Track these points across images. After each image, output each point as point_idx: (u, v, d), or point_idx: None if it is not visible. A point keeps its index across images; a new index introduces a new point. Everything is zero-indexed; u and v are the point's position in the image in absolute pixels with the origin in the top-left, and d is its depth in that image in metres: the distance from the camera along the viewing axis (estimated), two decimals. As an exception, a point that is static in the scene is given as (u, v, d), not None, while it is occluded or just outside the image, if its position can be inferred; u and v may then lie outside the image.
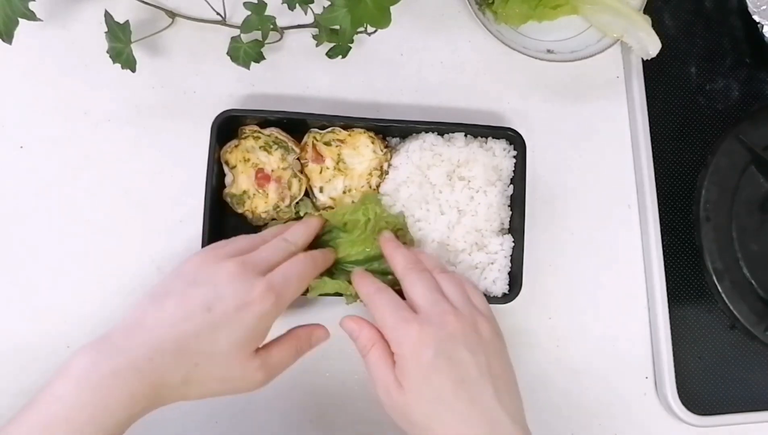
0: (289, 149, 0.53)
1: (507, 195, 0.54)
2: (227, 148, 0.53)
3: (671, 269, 0.57)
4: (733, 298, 0.57)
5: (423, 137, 0.54)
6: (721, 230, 0.58)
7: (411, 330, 0.43)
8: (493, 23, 0.57)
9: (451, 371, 0.42)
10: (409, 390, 0.42)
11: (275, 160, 0.53)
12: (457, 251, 0.53)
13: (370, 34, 0.57)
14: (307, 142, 0.54)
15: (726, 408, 0.57)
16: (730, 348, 0.58)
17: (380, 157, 0.54)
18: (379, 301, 0.46)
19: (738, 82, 0.63)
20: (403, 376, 0.43)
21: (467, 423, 0.41)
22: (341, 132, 0.53)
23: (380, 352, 0.44)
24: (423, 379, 0.42)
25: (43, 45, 0.56)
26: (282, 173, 0.53)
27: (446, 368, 0.42)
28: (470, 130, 0.54)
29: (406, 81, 0.59)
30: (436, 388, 0.42)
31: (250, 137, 0.53)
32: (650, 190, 0.58)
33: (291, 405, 0.54)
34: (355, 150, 0.54)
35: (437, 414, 0.42)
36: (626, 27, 0.56)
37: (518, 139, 0.54)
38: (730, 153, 0.59)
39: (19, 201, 0.55)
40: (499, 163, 0.54)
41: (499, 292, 0.53)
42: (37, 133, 0.56)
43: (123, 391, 0.39)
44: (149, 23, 0.56)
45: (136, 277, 0.54)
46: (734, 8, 0.64)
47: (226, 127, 0.53)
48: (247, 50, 0.54)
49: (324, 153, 0.54)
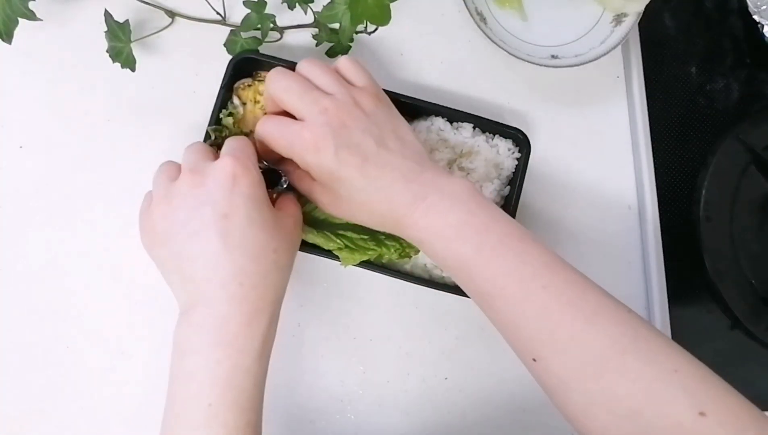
0: None
1: (502, 195, 0.54)
2: (241, 84, 0.53)
3: (671, 269, 0.57)
4: (733, 298, 0.57)
5: (432, 120, 0.54)
6: (721, 230, 0.58)
7: (304, 140, 0.43)
8: (496, 34, 0.57)
9: (354, 157, 0.43)
10: (330, 190, 0.44)
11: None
12: None
13: (370, 34, 0.57)
14: None
15: (726, 408, 0.57)
16: (730, 348, 0.58)
17: None
18: (267, 131, 0.45)
19: (738, 82, 0.63)
20: (323, 185, 0.45)
21: (379, 189, 0.43)
22: None
23: (295, 175, 0.47)
24: (335, 178, 0.43)
25: (43, 45, 0.56)
26: None
27: (348, 156, 0.43)
28: (480, 123, 0.54)
29: (406, 81, 0.59)
30: (346, 180, 0.43)
31: (264, 81, 0.52)
32: (650, 190, 0.58)
33: (291, 405, 0.54)
34: None
35: (355, 200, 0.44)
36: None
37: (525, 142, 0.54)
38: (730, 153, 0.59)
39: (19, 201, 0.55)
40: (502, 161, 0.54)
41: None
42: (37, 133, 0.56)
43: (246, 319, 0.41)
44: (149, 23, 0.56)
45: (135, 277, 0.54)
46: (734, 8, 0.64)
47: (242, 68, 0.53)
48: (245, 45, 0.54)
49: None
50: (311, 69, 0.46)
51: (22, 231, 0.55)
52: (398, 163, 0.44)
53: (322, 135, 0.42)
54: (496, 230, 0.42)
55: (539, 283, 0.40)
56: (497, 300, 0.41)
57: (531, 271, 0.40)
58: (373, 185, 0.43)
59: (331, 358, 0.54)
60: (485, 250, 0.41)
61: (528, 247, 0.41)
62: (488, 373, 0.56)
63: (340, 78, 0.46)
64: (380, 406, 0.54)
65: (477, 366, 0.56)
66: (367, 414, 0.54)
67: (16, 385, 0.52)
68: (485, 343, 0.56)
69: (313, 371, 0.54)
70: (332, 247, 0.49)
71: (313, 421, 0.54)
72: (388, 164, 0.43)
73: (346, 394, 0.54)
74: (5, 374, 0.53)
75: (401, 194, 0.43)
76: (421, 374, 0.55)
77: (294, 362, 0.54)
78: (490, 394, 0.55)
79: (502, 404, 0.55)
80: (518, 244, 0.41)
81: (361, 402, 0.54)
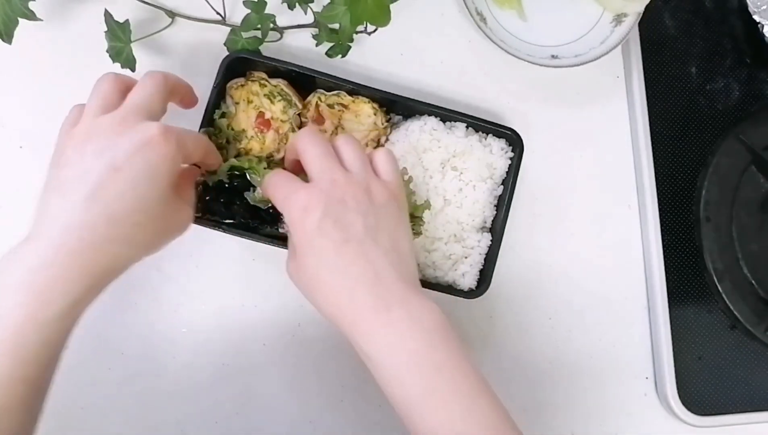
0: (292, 103, 0.53)
1: (495, 194, 0.54)
2: (233, 83, 0.53)
3: (671, 269, 0.57)
4: (733, 298, 0.57)
5: (425, 119, 0.54)
6: (721, 230, 0.58)
7: (298, 197, 0.41)
8: (495, 34, 0.57)
9: (336, 232, 0.40)
10: (300, 256, 0.42)
11: (277, 111, 0.53)
12: (434, 239, 0.53)
13: (370, 34, 0.57)
14: (311, 101, 0.53)
15: (726, 408, 0.57)
16: (730, 348, 0.58)
17: (380, 129, 0.53)
18: (271, 182, 0.45)
19: (738, 82, 0.63)
20: (293, 245, 0.42)
21: (347, 276, 0.40)
22: (346, 97, 0.53)
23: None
24: (308, 244, 0.41)
25: (43, 45, 0.56)
26: (281, 125, 0.53)
27: (331, 230, 0.40)
28: (473, 122, 0.54)
29: (406, 81, 0.59)
30: (319, 250, 0.41)
31: (257, 82, 0.53)
32: (650, 190, 0.58)
33: (291, 405, 0.54)
34: (357, 117, 0.53)
35: (319, 276, 0.41)
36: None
37: (518, 141, 0.54)
38: (730, 153, 0.59)
39: (19, 201, 0.55)
40: (495, 161, 0.54)
41: (466, 287, 0.52)
42: (37, 133, 0.56)
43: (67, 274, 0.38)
44: (149, 23, 0.56)
45: (135, 276, 0.54)
46: (734, 8, 0.64)
47: (235, 69, 0.52)
48: (245, 44, 0.54)
49: (326, 115, 0.53)
50: (345, 143, 0.45)
51: (22, 231, 0.54)
52: (378, 260, 0.41)
53: (316, 198, 0.41)
54: (449, 374, 0.40)
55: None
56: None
57: (475, 432, 0.39)
58: (342, 268, 0.40)
59: (331, 357, 0.54)
60: (434, 396, 0.39)
61: (477, 402, 0.40)
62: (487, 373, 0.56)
63: (367, 163, 0.44)
64: (380, 406, 0.54)
65: (476, 366, 0.56)
66: (367, 413, 0.54)
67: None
68: (483, 343, 0.56)
69: (313, 371, 0.54)
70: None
71: (313, 421, 0.54)
72: (367, 255, 0.41)
73: (346, 394, 0.54)
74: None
75: (367, 293, 0.40)
76: (421, 374, 0.55)
77: (294, 362, 0.54)
78: (490, 394, 0.55)
79: (502, 404, 0.55)
80: (468, 396, 0.40)
81: (362, 402, 0.54)
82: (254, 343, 0.54)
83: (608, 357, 0.57)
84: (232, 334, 0.54)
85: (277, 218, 0.50)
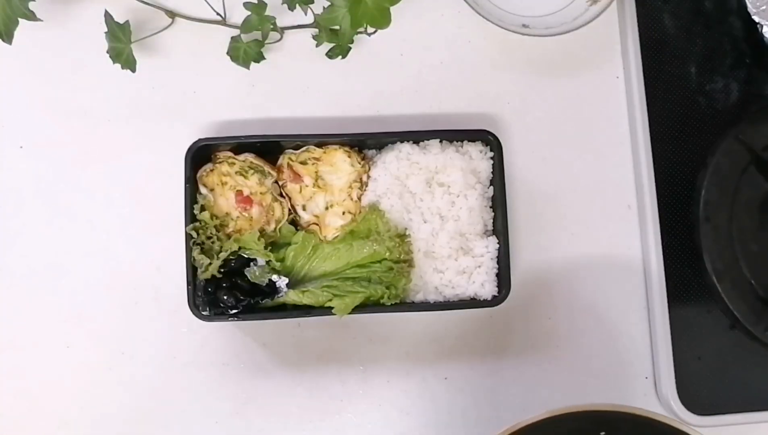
0: (265, 173, 0.53)
1: (488, 196, 0.54)
2: (203, 171, 0.52)
3: (671, 269, 0.57)
4: (733, 298, 0.57)
5: (399, 147, 0.54)
6: (721, 230, 0.58)
7: None
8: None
9: None
10: None
11: (253, 184, 0.52)
12: (444, 258, 0.53)
13: (370, 35, 0.57)
14: (282, 163, 0.53)
15: (726, 408, 0.57)
16: (730, 348, 0.58)
17: (358, 169, 0.53)
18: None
19: (738, 82, 0.63)
20: None
21: None
22: (316, 150, 0.53)
23: None
24: None
25: (43, 45, 0.56)
26: (262, 197, 0.53)
27: None
28: (444, 135, 0.54)
29: (407, 81, 0.59)
30: None
31: (224, 163, 0.52)
32: (650, 191, 0.58)
33: (291, 405, 0.54)
34: (332, 166, 0.53)
35: None
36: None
37: (494, 140, 0.54)
38: (730, 153, 0.59)
39: (19, 201, 0.55)
40: (477, 165, 0.54)
41: (489, 295, 0.53)
42: (37, 133, 0.56)
43: None
44: (149, 23, 0.56)
45: (136, 277, 0.54)
46: (734, 8, 0.64)
47: (200, 155, 0.52)
48: (247, 50, 0.54)
49: (301, 172, 0.53)
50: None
51: (22, 231, 0.55)
52: None
53: None
54: None
55: None
56: None
57: None
58: None
59: (331, 358, 0.54)
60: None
61: None
62: (488, 373, 0.56)
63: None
64: (380, 406, 0.54)
65: (477, 366, 0.56)
66: (367, 414, 0.54)
67: (16, 384, 0.52)
68: (485, 342, 0.56)
69: (313, 371, 0.54)
70: (322, 301, 0.49)
71: (313, 421, 0.54)
72: None
73: (346, 394, 0.54)
74: (5, 374, 0.53)
75: None
76: (421, 374, 0.55)
77: (294, 362, 0.54)
78: (490, 394, 0.55)
79: (502, 404, 0.55)
80: None
81: (362, 402, 0.54)
82: (254, 343, 0.55)
83: (608, 357, 0.57)
84: (232, 334, 0.54)
85: (275, 288, 0.51)
